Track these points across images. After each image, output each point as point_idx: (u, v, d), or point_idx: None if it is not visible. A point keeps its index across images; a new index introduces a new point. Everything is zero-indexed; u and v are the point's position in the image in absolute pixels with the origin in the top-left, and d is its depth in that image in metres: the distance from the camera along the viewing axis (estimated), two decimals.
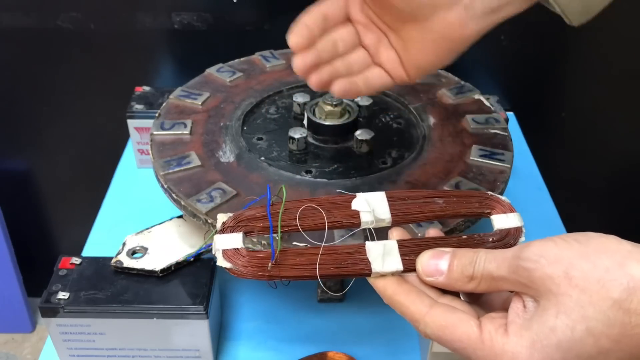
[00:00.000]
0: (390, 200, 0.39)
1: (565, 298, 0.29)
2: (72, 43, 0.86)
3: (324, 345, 0.57)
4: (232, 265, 0.35)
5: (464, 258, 0.34)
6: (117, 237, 0.56)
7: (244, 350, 0.57)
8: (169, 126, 0.60)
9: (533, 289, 0.31)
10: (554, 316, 0.30)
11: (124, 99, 0.76)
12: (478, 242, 0.37)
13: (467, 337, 0.32)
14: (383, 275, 0.36)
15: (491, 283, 0.33)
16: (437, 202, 0.39)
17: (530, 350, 0.30)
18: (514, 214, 0.39)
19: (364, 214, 0.38)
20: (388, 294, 0.36)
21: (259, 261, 0.36)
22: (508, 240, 0.38)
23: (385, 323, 0.60)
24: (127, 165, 0.79)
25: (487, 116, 0.62)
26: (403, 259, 0.36)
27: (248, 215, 0.37)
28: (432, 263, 0.35)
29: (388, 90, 0.61)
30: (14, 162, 1.01)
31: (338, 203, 0.38)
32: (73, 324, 0.51)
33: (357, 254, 0.36)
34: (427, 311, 0.34)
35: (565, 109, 0.94)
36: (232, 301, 0.62)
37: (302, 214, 0.37)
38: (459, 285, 0.34)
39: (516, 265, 0.31)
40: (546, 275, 0.30)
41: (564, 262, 0.30)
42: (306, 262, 0.36)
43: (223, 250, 0.36)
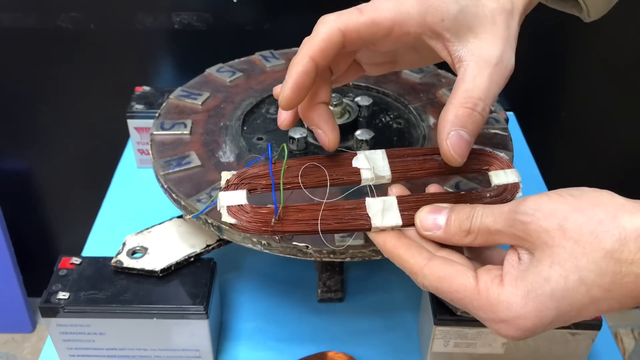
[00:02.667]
0: (390, 158, 0.39)
1: (560, 249, 0.31)
2: (72, 43, 0.87)
3: (324, 345, 0.57)
4: (236, 220, 0.36)
5: (461, 213, 0.35)
6: (117, 237, 0.56)
7: (244, 350, 0.57)
8: (169, 126, 0.60)
9: (528, 242, 0.32)
10: (548, 266, 0.31)
11: (124, 99, 0.77)
12: (476, 197, 0.38)
13: (464, 288, 0.33)
14: (383, 230, 0.37)
15: (488, 237, 0.34)
16: (436, 159, 0.40)
17: (524, 300, 0.31)
18: (512, 170, 0.40)
19: (364, 171, 0.38)
20: (388, 248, 0.37)
21: (263, 217, 0.36)
22: (505, 196, 0.39)
23: (385, 323, 0.60)
24: (127, 165, 0.79)
25: None
26: (402, 214, 0.37)
27: (251, 173, 0.38)
28: (430, 217, 0.36)
29: None
30: (14, 162, 1.01)
31: (339, 161, 0.39)
32: (73, 324, 0.51)
33: (357, 209, 0.37)
34: (426, 264, 0.35)
35: (565, 109, 0.94)
36: (232, 301, 0.62)
37: (304, 171, 0.38)
38: (456, 239, 0.35)
39: (512, 219, 0.32)
40: (541, 228, 0.31)
41: (559, 216, 0.31)
42: (308, 218, 0.37)
43: (227, 207, 0.36)
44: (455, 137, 0.37)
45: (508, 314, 0.32)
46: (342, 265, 0.61)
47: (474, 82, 0.37)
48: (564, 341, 0.51)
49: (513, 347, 0.51)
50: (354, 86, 0.67)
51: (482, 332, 0.50)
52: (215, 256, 0.54)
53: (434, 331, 0.50)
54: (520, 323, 0.32)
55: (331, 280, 0.61)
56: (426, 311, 0.53)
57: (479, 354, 0.52)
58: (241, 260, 0.66)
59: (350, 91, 0.67)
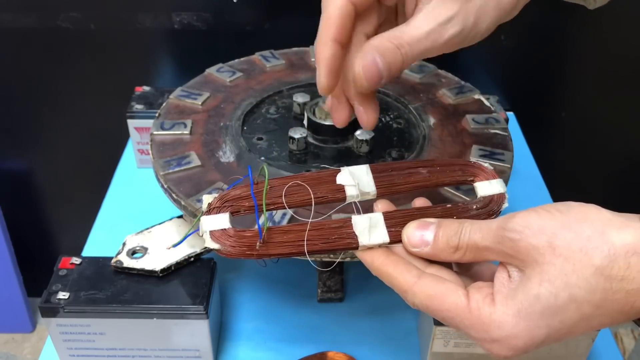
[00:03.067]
0: (375, 173, 0.39)
1: (550, 267, 0.30)
2: (72, 43, 0.87)
3: (324, 345, 0.57)
4: (220, 246, 0.35)
5: (448, 229, 0.35)
6: (117, 237, 0.56)
7: (244, 350, 0.57)
8: (169, 126, 0.60)
9: (518, 259, 0.32)
10: (537, 284, 0.31)
11: (124, 99, 0.77)
12: (462, 210, 0.38)
13: (455, 306, 0.33)
14: (370, 247, 0.36)
15: (476, 253, 0.34)
16: (421, 172, 0.39)
17: (516, 319, 0.31)
18: (497, 180, 0.39)
19: (348, 188, 0.38)
20: (376, 266, 0.36)
21: (247, 240, 0.36)
22: (492, 207, 0.38)
23: (385, 323, 0.60)
24: (127, 165, 0.79)
25: (487, 116, 0.62)
26: (389, 230, 0.37)
27: (233, 195, 0.37)
28: (417, 234, 0.36)
29: None
30: (14, 162, 1.01)
31: (323, 178, 0.38)
32: (73, 324, 0.51)
33: (344, 228, 0.37)
34: (415, 281, 0.34)
35: (565, 109, 0.94)
36: (232, 301, 0.62)
37: (287, 191, 0.37)
38: (444, 256, 0.35)
39: (501, 236, 0.32)
40: (531, 246, 0.31)
41: (548, 232, 0.31)
42: (294, 239, 0.36)
43: (210, 232, 0.36)
44: (371, 61, 0.36)
45: (500, 333, 0.31)
46: (342, 265, 0.61)
47: (411, 29, 0.37)
48: (564, 341, 0.51)
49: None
50: None
51: None
52: (215, 256, 0.54)
53: (434, 331, 0.50)
54: (512, 342, 0.31)
55: (331, 280, 0.61)
56: None
57: (479, 354, 0.52)
58: (241, 260, 0.66)
59: None
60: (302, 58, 0.71)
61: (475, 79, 0.74)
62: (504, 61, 0.90)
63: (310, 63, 0.70)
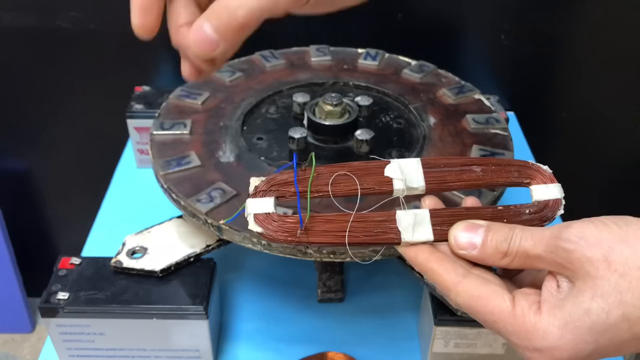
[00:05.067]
0: (425, 167, 0.37)
1: (603, 282, 0.30)
2: (72, 43, 0.86)
3: (324, 345, 0.57)
4: (263, 229, 0.35)
5: (498, 233, 0.34)
6: (117, 237, 0.56)
7: (244, 350, 0.57)
8: (169, 126, 0.60)
9: (570, 270, 0.31)
10: (589, 299, 0.30)
11: (124, 99, 0.76)
12: (514, 213, 0.37)
13: (499, 310, 0.32)
14: (413, 244, 0.36)
15: (526, 260, 0.33)
16: (475, 170, 0.38)
17: (562, 331, 0.30)
18: (555, 184, 0.37)
19: (396, 182, 0.37)
20: (419, 261, 0.35)
21: (290, 226, 0.35)
22: (546, 213, 0.37)
23: (385, 323, 0.60)
24: (127, 165, 0.79)
25: (487, 116, 0.62)
26: (434, 229, 0.36)
27: (280, 180, 0.37)
28: (465, 236, 0.35)
29: None
30: (14, 162, 1.01)
31: (371, 169, 0.37)
32: (73, 324, 0.51)
33: (387, 222, 0.36)
34: (460, 280, 0.34)
35: (565, 109, 0.94)
36: (232, 301, 0.62)
37: (334, 180, 0.37)
38: (492, 261, 0.34)
39: (554, 245, 0.31)
40: (585, 258, 0.30)
41: (604, 246, 0.30)
42: (336, 229, 0.36)
43: (255, 215, 0.36)
44: (198, 28, 0.34)
45: (544, 343, 0.31)
46: (342, 265, 0.61)
47: None
48: None
49: (513, 348, 0.51)
50: (354, 86, 0.67)
51: (482, 332, 0.50)
52: (215, 256, 0.54)
53: (434, 331, 0.50)
54: (556, 355, 0.31)
55: (331, 280, 0.61)
56: (426, 311, 0.53)
57: (479, 354, 0.52)
58: (241, 260, 0.66)
59: (351, 91, 0.67)
60: (302, 58, 0.71)
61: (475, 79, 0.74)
62: (504, 61, 0.89)
63: (310, 63, 0.71)
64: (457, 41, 0.88)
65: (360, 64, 0.71)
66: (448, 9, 0.85)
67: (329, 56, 0.71)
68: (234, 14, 0.34)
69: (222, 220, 0.44)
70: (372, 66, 0.71)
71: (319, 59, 0.71)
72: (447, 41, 0.88)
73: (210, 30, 0.34)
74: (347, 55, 0.72)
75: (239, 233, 0.49)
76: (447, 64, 0.72)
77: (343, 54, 0.72)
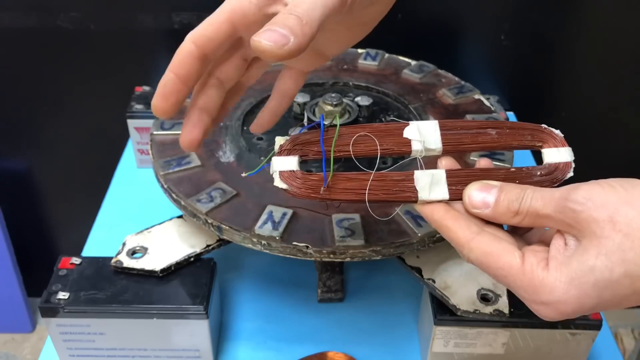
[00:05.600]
0: (443, 130, 0.39)
1: (608, 241, 0.31)
2: (72, 43, 0.86)
3: (324, 345, 0.57)
4: (287, 186, 0.37)
5: (510, 193, 0.35)
6: (117, 237, 0.56)
7: (244, 350, 0.57)
8: (169, 126, 0.60)
9: (577, 229, 0.32)
10: (594, 257, 0.31)
11: (124, 99, 0.76)
12: (526, 175, 0.38)
13: (510, 266, 0.34)
14: (429, 202, 0.37)
15: (535, 220, 0.35)
16: (490, 132, 0.39)
17: (567, 286, 0.32)
18: (566, 148, 0.39)
19: (415, 143, 0.38)
20: (435, 218, 0.37)
21: (313, 184, 0.37)
22: (556, 175, 0.38)
23: (385, 323, 0.60)
24: (127, 165, 0.79)
25: (487, 116, 0.62)
26: (450, 188, 0.37)
27: (304, 139, 0.38)
28: (479, 195, 0.36)
29: None
30: (14, 162, 1.01)
31: (391, 130, 0.39)
32: (73, 324, 0.51)
33: (405, 181, 0.37)
34: (473, 237, 0.35)
35: (565, 109, 0.94)
36: (232, 301, 0.62)
37: (355, 140, 0.38)
38: (503, 219, 0.36)
39: (563, 205, 0.33)
40: (591, 218, 0.32)
41: (610, 207, 0.31)
42: (356, 187, 0.37)
43: (280, 172, 0.37)
44: (267, 29, 0.35)
45: (550, 297, 0.32)
46: (342, 265, 0.61)
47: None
48: (564, 341, 0.51)
49: (513, 348, 0.51)
50: (354, 86, 0.67)
51: (482, 332, 0.50)
52: (215, 256, 0.54)
53: (434, 331, 0.50)
54: (561, 307, 0.32)
55: (331, 280, 0.61)
56: (426, 311, 0.53)
57: (479, 354, 0.52)
58: (241, 260, 0.66)
59: (351, 91, 0.67)
60: None
61: (475, 79, 0.74)
62: (504, 61, 0.90)
63: None
64: (457, 41, 0.88)
65: (360, 64, 0.71)
66: (448, 9, 0.85)
67: None
68: (300, 22, 0.36)
69: (244, 174, 0.44)
70: (372, 66, 0.71)
71: None
72: (447, 41, 0.88)
73: (284, 30, 0.35)
74: (347, 55, 0.72)
75: (239, 233, 0.49)
76: (447, 64, 0.72)
77: (343, 54, 0.72)
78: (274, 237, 0.48)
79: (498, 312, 0.49)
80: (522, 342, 0.51)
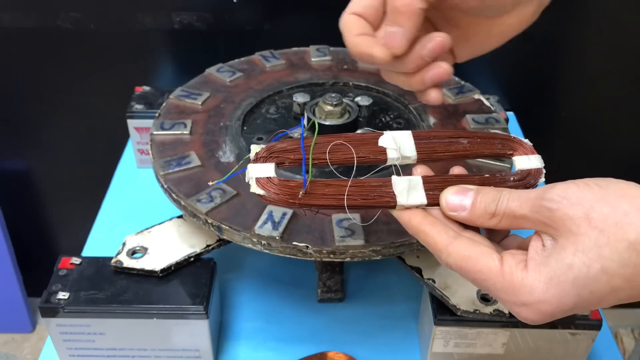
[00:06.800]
0: (417, 139, 0.40)
1: (584, 238, 0.31)
2: (72, 43, 0.86)
3: (324, 345, 0.57)
4: (265, 192, 0.37)
5: (487, 196, 0.36)
6: (117, 237, 0.56)
7: (244, 350, 0.57)
8: (169, 126, 0.60)
9: (553, 228, 0.33)
10: (571, 254, 0.31)
11: (124, 99, 0.76)
12: (500, 181, 0.39)
13: (488, 269, 0.34)
14: (407, 208, 0.37)
15: (512, 221, 0.35)
16: (462, 142, 0.40)
17: (547, 285, 0.32)
18: (535, 155, 0.40)
19: (390, 151, 0.39)
20: (413, 224, 0.37)
21: (290, 190, 0.37)
22: (529, 180, 0.39)
23: (385, 323, 0.60)
24: (127, 165, 0.79)
25: (487, 116, 0.62)
26: (427, 193, 0.38)
27: (280, 148, 0.38)
28: (456, 199, 0.37)
29: None
30: (14, 162, 1.01)
31: (366, 140, 0.39)
32: (73, 324, 0.51)
33: (383, 187, 0.38)
34: (451, 242, 0.35)
35: (565, 109, 0.94)
36: (232, 301, 0.62)
37: (331, 148, 0.38)
38: (480, 221, 0.36)
39: (539, 205, 0.33)
40: (567, 216, 0.32)
41: (585, 205, 0.32)
42: (335, 193, 0.37)
43: (256, 178, 0.37)
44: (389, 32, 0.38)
45: (530, 298, 0.32)
46: (342, 265, 0.61)
47: None
48: (564, 341, 0.51)
49: (513, 347, 0.51)
50: (354, 86, 0.67)
51: (482, 332, 0.50)
52: (215, 256, 0.54)
53: (434, 331, 0.50)
54: (542, 307, 0.32)
55: (331, 280, 0.61)
56: (426, 311, 0.53)
57: (479, 354, 0.52)
58: (241, 260, 0.66)
59: (351, 91, 0.67)
60: (302, 58, 0.71)
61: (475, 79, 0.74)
62: (504, 61, 0.90)
63: (310, 63, 0.71)
64: None
65: (360, 64, 0.71)
66: None
67: (329, 56, 0.71)
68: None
69: (212, 182, 0.45)
70: (372, 66, 0.71)
71: (319, 59, 0.71)
72: None
73: (398, 29, 0.38)
74: (347, 55, 0.72)
75: (239, 233, 0.49)
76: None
77: (343, 54, 0.72)
78: (274, 237, 0.48)
79: (498, 312, 0.49)
80: (522, 342, 0.51)
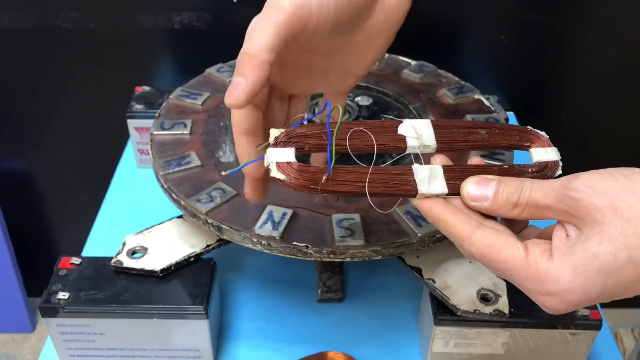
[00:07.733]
0: (435, 128, 0.39)
1: (610, 227, 0.31)
2: (72, 43, 0.86)
3: (324, 345, 0.57)
4: (285, 177, 0.36)
5: (509, 186, 0.36)
6: (117, 237, 0.56)
7: (244, 350, 0.57)
8: (169, 126, 0.60)
9: (577, 218, 0.33)
10: (597, 243, 0.31)
11: (124, 99, 0.76)
12: (518, 172, 0.39)
13: (513, 258, 0.34)
14: (428, 197, 0.37)
15: (535, 211, 0.35)
16: (480, 132, 0.40)
17: (572, 275, 0.32)
18: (552, 148, 0.40)
19: (410, 139, 0.38)
20: (434, 213, 0.37)
21: (311, 175, 0.36)
22: (546, 172, 0.39)
23: (385, 323, 0.60)
24: (127, 165, 0.79)
25: (487, 116, 0.62)
26: (448, 183, 0.37)
27: (299, 133, 0.37)
28: (477, 189, 0.36)
29: None
30: (14, 162, 1.01)
31: (386, 127, 0.39)
32: (73, 324, 0.51)
33: (404, 175, 0.37)
34: (474, 231, 0.35)
35: (565, 109, 0.94)
36: (232, 301, 0.62)
37: (351, 135, 0.38)
38: (503, 212, 0.36)
39: (563, 194, 0.33)
40: (592, 205, 0.32)
41: (610, 194, 0.32)
42: (356, 180, 0.37)
43: (277, 163, 0.36)
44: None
45: (555, 287, 0.32)
46: (342, 265, 0.61)
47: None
48: (564, 341, 0.51)
49: (513, 347, 0.51)
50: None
51: (482, 332, 0.50)
52: (215, 256, 0.54)
53: (434, 331, 0.50)
54: (567, 297, 0.32)
55: (331, 280, 0.61)
56: (426, 311, 0.53)
57: (479, 354, 0.52)
58: (241, 260, 0.66)
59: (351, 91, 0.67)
60: None
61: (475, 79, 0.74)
62: (504, 61, 0.90)
63: None
64: (457, 41, 0.88)
65: None
66: (448, 9, 0.85)
67: None
68: (247, 52, 0.36)
69: (225, 172, 0.44)
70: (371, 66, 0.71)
71: None
72: (447, 41, 0.88)
73: (235, 77, 0.36)
74: None
75: (239, 233, 0.49)
76: (447, 64, 0.72)
77: None
78: (274, 237, 0.48)
79: (498, 312, 0.49)
80: (522, 342, 0.51)
